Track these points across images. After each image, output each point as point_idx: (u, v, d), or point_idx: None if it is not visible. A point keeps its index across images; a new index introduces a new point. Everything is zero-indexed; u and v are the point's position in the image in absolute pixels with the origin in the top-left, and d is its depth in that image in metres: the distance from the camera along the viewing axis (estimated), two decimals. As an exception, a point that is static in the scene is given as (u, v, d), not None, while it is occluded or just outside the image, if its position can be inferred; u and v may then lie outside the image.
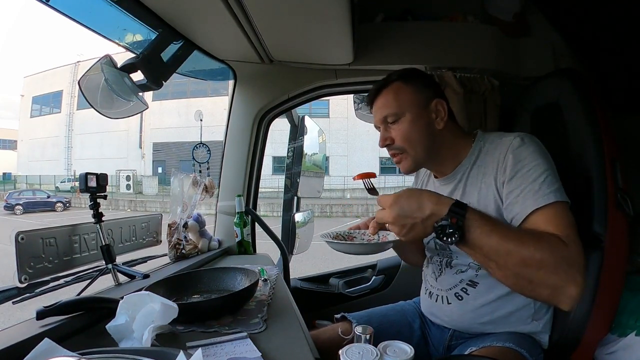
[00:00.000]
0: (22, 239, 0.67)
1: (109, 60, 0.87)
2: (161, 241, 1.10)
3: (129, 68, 0.91)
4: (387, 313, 1.02)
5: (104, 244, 0.83)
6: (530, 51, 1.36)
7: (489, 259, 0.65)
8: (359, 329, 0.57)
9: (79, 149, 20.21)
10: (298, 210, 1.72)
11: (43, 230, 0.72)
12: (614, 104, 1.28)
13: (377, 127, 0.89)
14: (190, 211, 1.15)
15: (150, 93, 12.33)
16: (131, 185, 17.25)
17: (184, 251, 1.11)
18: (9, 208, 13.20)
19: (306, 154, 1.69)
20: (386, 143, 0.86)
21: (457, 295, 0.85)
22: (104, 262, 0.83)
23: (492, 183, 0.77)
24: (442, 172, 0.89)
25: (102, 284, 0.82)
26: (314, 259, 5.31)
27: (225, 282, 0.80)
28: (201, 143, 1.32)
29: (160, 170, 18.71)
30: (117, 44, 0.99)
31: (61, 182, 18.79)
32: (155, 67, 0.95)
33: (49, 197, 14.68)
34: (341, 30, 1.00)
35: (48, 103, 21.52)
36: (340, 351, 0.51)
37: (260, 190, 1.44)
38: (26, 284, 0.67)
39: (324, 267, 4.77)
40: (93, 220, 0.83)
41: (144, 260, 1.00)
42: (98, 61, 0.86)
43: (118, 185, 17.28)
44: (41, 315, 0.57)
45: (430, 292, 0.92)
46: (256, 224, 1.35)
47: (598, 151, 0.86)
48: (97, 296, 0.69)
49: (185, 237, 1.13)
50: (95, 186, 0.84)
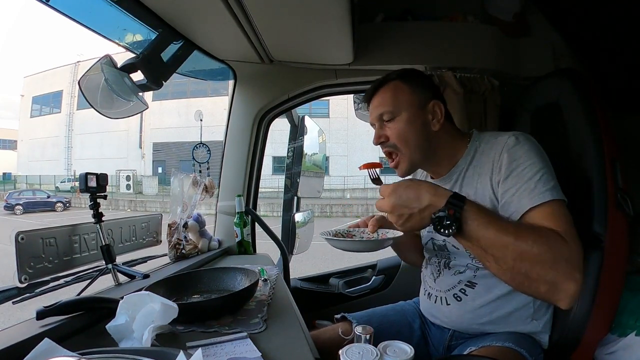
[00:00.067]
0: (22, 239, 0.67)
1: (109, 60, 0.87)
2: (161, 241, 1.10)
3: (129, 68, 0.91)
4: (387, 313, 1.02)
5: (104, 244, 0.83)
6: (530, 51, 1.36)
7: (485, 251, 0.64)
8: (359, 329, 0.57)
9: (79, 149, 20.21)
10: (298, 210, 1.72)
11: (43, 230, 0.72)
12: (614, 104, 1.28)
13: (372, 125, 0.89)
14: (190, 211, 1.15)
15: (150, 93, 12.33)
16: (131, 185, 17.25)
17: (184, 251, 1.11)
18: (9, 208, 13.20)
19: (306, 154, 1.68)
20: (380, 141, 0.86)
21: (455, 296, 0.85)
22: (104, 262, 0.83)
23: (487, 183, 0.77)
24: (439, 172, 0.89)
25: (102, 284, 0.82)
26: (314, 259, 5.32)
27: (225, 282, 0.80)
28: (201, 143, 1.32)
29: (160, 170, 18.71)
30: (117, 44, 0.99)
31: (61, 182, 18.79)
32: (155, 67, 0.95)
33: (49, 197, 14.68)
34: (341, 30, 1.00)
35: (48, 103, 21.53)
36: (340, 351, 0.51)
37: (260, 190, 1.45)
38: (26, 284, 0.67)
39: (324, 267, 4.78)
40: (93, 220, 0.83)
41: (144, 260, 1.00)
42: (98, 61, 0.86)
43: (118, 185, 17.28)
44: (41, 315, 0.57)
45: (429, 294, 0.92)
46: (256, 224, 1.35)
47: (598, 151, 0.86)
48: (97, 296, 0.69)
49: (185, 237, 1.13)
50: (95, 186, 0.84)
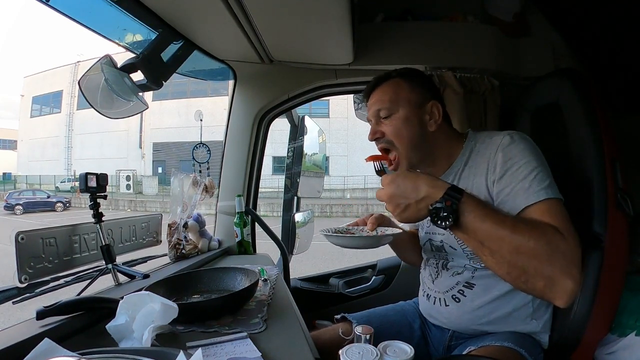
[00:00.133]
0: (22, 239, 0.67)
1: (109, 60, 0.87)
2: (161, 241, 1.10)
3: (129, 68, 0.91)
4: (387, 313, 1.02)
5: (104, 244, 0.83)
6: (530, 51, 1.36)
7: (482, 244, 0.64)
8: (359, 329, 0.57)
9: (79, 149, 20.21)
10: (298, 210, 1.72)
11: (43, 230, 0.72)
12: (614, 104, 1.28)
13: (369, 120, 0.89)
14: (190, 211, 1.15)
15: (150, 93, 12.33)
16: (131, 185, 17.25)
17: (184, 251, 1.11)
18: (9, 208, 13.20)
19: (306, 154, 1.68)
20: (376, 136, 0.86)
21: (454, 297, 0.85)
22: (104, 262, 0.83)
23: (483, 183, 0.77)
24: (435, 173, 0.88)
25: (102, 284, 0.82)
26: (314, 259, 5.32)
27: (225, 282, 0.80)
28: (201, 143, 1.32)
29: (160, 170, 18.71)
30: (117, 44, 0.99)
31: (61, 182, 18.79)
32: (155, 67, 0.95)
33: (49, 197, 14.68)
34: (341, 30, 1.00)
35: (48, 103, 21.52)
36: (340, 351, 0.51)
37: (260, 190, 1.45)
38: (26, 284, 0.67)
39: (324, 267, 4.78)
40: (93, 220, 0.83)
41: (144, 260, 1.00)
42: (98, 61, 0.86)
43: (118, 185, 17.28)
44: (41, 315, 0.57)
45: (427, 295, 0.92)
46: (256, 224, 1.35)
47: (598, 151, 0.86)
48: (97, 296, 0.69)
49: (185, 237, 1.13)
50: (95, 186, 0.84)
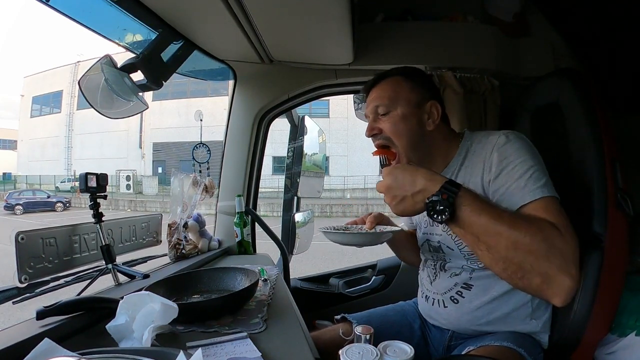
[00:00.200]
0: (22, 239, 0.67)
1: (109, 60, 0.87)
2: (161, 241, 1.10)
3: (129, 68, 0.91)
4: (387, 313, 1.02)
5: (104, 244, 0.83)
6: (530, 51, 1.36)
7: (478, 239, 0.63)
8: (359, 329, 0.57)
9: (79, 149, 20.21)
10: (298, 210, 1.72)
11: (43, 230, 0.72)
12: (614, 104, 1.28)
13: (366, 117, 0.88)
14: (190, 211, 1.15)
15: (150, 93, 12.33)
16: (131, 185, 17.25)
17: (184, 251, 1.11)
18: (9, 208, 13.20)
19: (306, 154, 1.68)
20: (373, 133, 0.85)
21: (452, 298, 0.85)
22: (104, 262, 0.83)
23: (479, 183, 0.76)
24: None
25: (102, 284, 0.82)
26: (314, 259, 5.32)
27: (225, 282, 0.80)
28: (201, 143, 1.32)
29: (160, 170, 18.71)
30: (117, 44, 0.99)
31: (61, 182, 18.79)
32: (155, 67, 0.95)
33: (49, 197, 14.68)
34: (341, 30, 1.00)
35: (48, 103, 21.52)
36: (340, 351, 0.51)
37: (260, 190, 1.45)
38: (26, 284, 0.67)
39: (324, 267, 4.78)
40: (93, 220, 0.83)
41: (144, 260, 1.00)
42: (98, 61, 0.86)
43: (118, 185, 17.28)
44: (41, 315, 0.57)
45: (426, 296, 0.93)
46: (256, 224, 1.35)
47: (598, 151, 0.86)
48: (97, 296, 0.69)
49: (185, 237, 1.13)
50: (95, 186, 0.84)
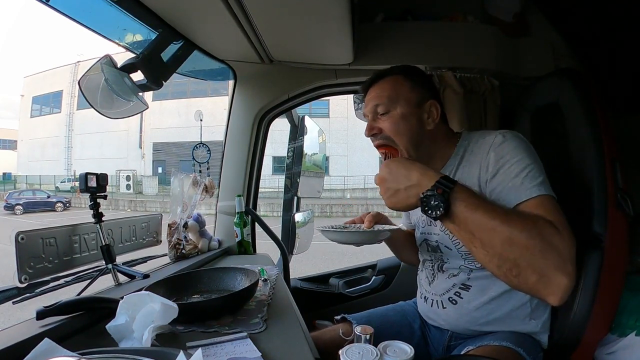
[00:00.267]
0: (22, 239, 0.67)
1: (109, 60, 0.87)
2: (161, 241, 1.10)
3: (129, 68, 0.91)
4: (387, 313, 1.02)
5: (104, 244, 0.83)
6: (530, 51, 1.36)
7: (473, 235, 0.62)
8: (359, 329, 0.57)
9: (79, 149, 20.21)
10: (298, 210, 1.72)
11: (43, 230, 0.72)
12: (614, 104, 1.28)
13: (365, 116, 0.87)
14: (190, 211, 1.15)
15: (150, 93, 12.33)
16: (131, 185, 17.24)
17: (184, 251, 1.11)
18: (9, 208, 13.19)
19: (306, 154, 1.68)
20: (373, 132, 0.84)
21: (451, 299, 0.85)
22: (104, 262, 0.83)
23: (476, 183, 0.76)
24: None
25: (102, 284, 0.82)
26: (314, 259, 5.32)
27: (225, 282, 0.80)
28: (201, 143, 1.32)
29: (160, 170, 18.71)
30: (117, 44, 0.99)
31: (61, 182, 18.79)
32: (155, 67, 0.95)
33: (49, 197, 14.67)
34: (341, 30, 1.00)
35: (48, 103, 21.52)
36: (340, 351, 0.51)
37: (260, 190, 1.45)
38: (26, 284, 0.67)
39: (324, 267, 4.78)
40: (93, 220, 0.83)
41: (144, 260, 1.00)
42: (98, 61, 0.86)
43: (118, 185, 17.28)
44: (41, 315, 0.57)
45: (425, 297, 0.93)
46: (256, 224, 1.35)
47: (598, 151, 0.86)
48: (97, 296, 0.69)
49: (185, 237, 1.13)
50: (95, 186, 0.84)
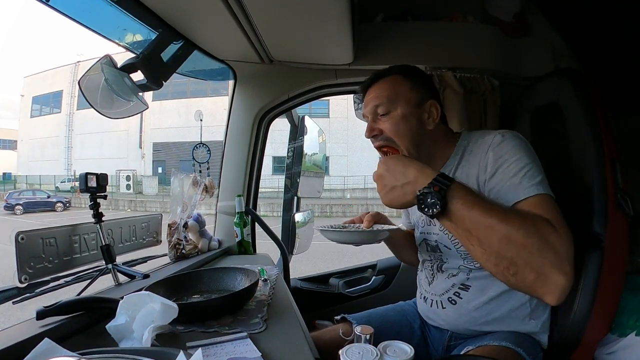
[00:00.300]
0: (22, 239, 0.67)
1: (109, 60, 0.87)
2: (161, 241, 1.10)
3: (129, 68, 0.91)
4: (387, 313, 1.02)
5: (104, 244, 0.83)
6: (530, 51, 1.36)
7: (470, 233, 0.61)
8: (358, 329, 0.57)
9: (79, 149, 20.21)
10: (298, 210, 1.72)
11: (43, 230, 0.72)
12: (614, 104, 1.28)
13: (364, 117, 0.86)
14: (190, 211, 1.15)
15: (150, 93, 12.33)
16: (131, 185, 17.24)
17: (184, 251, 1.11)
18: (9, 208, 13.19)
19: (306, 154, 1.68)
20: (373, 134, 0.83)
21: (450, 299, 0.85)
22: (104, 262, 0.83)
23: (474, 183, 0.76)
24: None
25: (102, 284, 0.82)
26: (314, 259, 5.32)
27: (225, 282, 0.80)
28: (201, 143, 1.32)
29: (160, 170, 18.71)
30: (117, 44, 0.99)
31: (61, 182, 18.79)
32: (155, 67, 0.95)
33: (49, 197, 14.67)
34: (341, 30, 1.00)
35: (48, 103, 21.52)
36: (340, 351, 0.51)
37: (260, 190, 1.45)
38: (26, 284, 0.67)
39: (324, 267, 4.78)
40: (93, 220, 0.83)
41: (144, 260, 1.00)
42: (98, 61, 0.86)
43: (118, 185, 17.28)
44: (41, 315, 0.57)
45: (424, 297, 0.93)
46: (256, 224, 1.35)
47: (598, 151, 0.86)
48: (97, 296, 0.68)
49: (185, 237, 1.13)
50: (95, 186, 0.84)
